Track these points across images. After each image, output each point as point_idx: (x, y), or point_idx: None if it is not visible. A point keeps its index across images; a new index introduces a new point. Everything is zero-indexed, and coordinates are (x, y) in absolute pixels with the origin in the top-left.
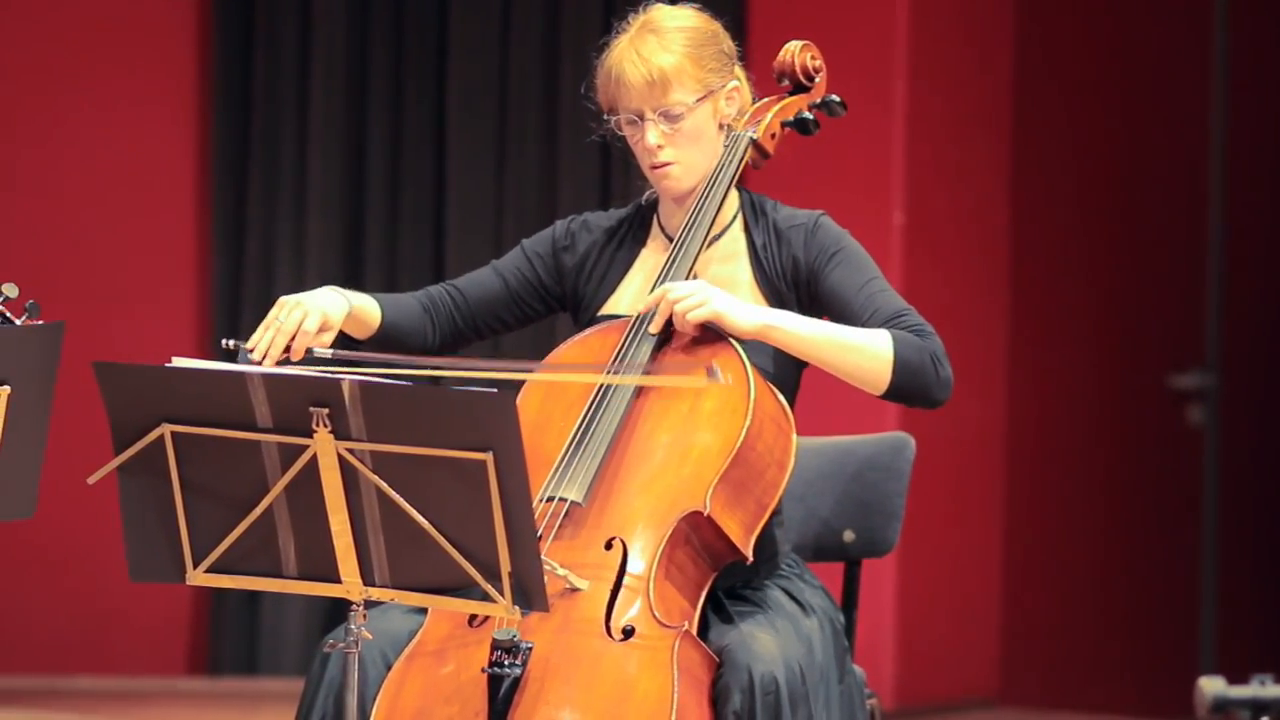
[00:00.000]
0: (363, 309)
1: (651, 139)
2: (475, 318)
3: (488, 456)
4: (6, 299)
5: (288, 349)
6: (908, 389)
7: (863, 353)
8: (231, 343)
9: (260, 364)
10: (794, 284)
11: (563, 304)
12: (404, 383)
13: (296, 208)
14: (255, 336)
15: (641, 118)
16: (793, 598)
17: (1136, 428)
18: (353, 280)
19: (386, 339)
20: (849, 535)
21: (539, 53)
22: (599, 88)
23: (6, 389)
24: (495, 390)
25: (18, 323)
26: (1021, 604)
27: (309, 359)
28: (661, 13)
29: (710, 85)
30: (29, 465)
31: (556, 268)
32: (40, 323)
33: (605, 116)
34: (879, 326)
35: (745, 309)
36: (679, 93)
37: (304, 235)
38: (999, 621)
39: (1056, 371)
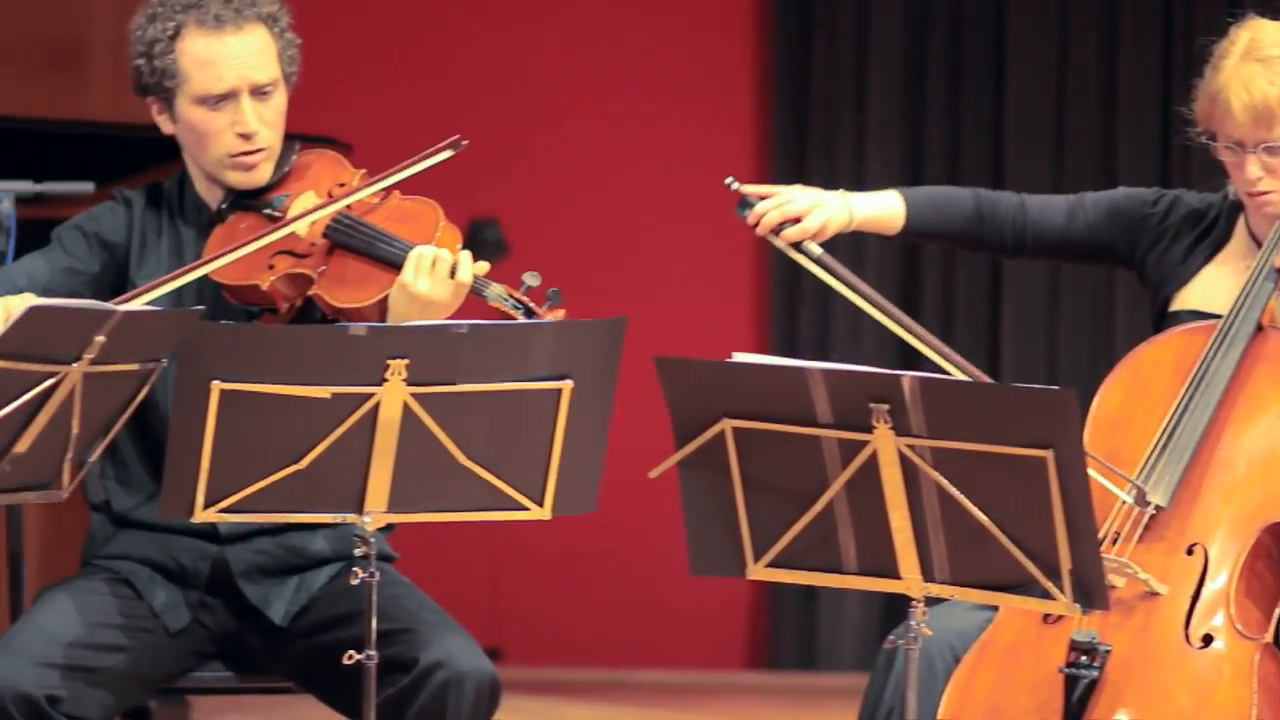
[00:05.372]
0: (880, 220)
1: (1253, 173)
2: (1028, 238)
3: (1048, 454)
4: (529, 288)
5: (778, 230)
6: None
7: None
8: (735, 185)
9: (753, 227)
10: None
11: (1129, 266)
12: (964, 379)
13: None
14: (761, 206)
15: (1242, 147)
16: None
17: None
18: (909, 270)
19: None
20: None
21: (1097, 51)
22: (1199, 104)
23: (569, 383)
24: (1057, 387)
25: (539, 311)
26: None
27: (799, 249)
28: (1266, 34)
29: None
30: (591, 460)
31: (1131, 231)
32: (601, 319)
33: (1200, 133)
34: None
35: None
36: None
37: (862, 239)
38: None
39: None
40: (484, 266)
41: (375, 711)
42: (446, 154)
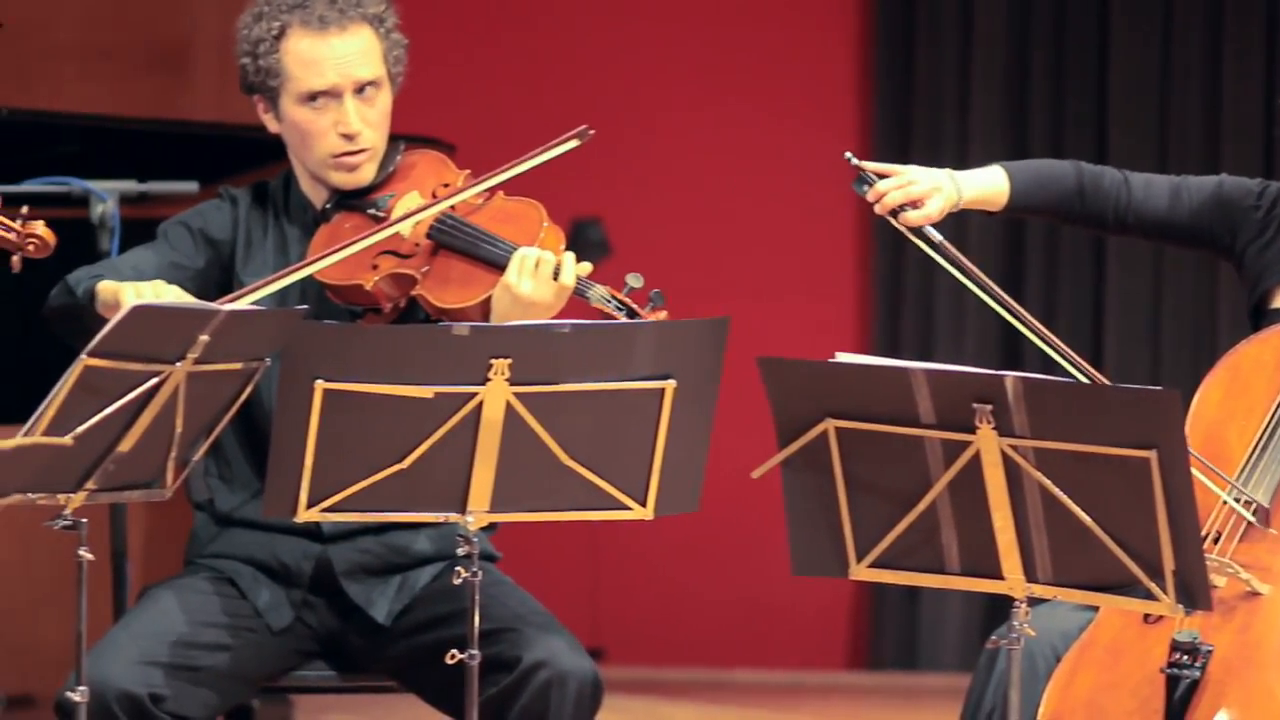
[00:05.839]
0: (986, 198)
1: None
2: (1129, 218)
3: (1151, 454)
4: (632, 289)
5: (896, 213)
6: None
7: None
8: (854, 160)
9: (873, 204)
10: None
11: (1227, 256)
12: (1067, 379)
13: None
14: (882, 185)
15: None
16: None
17: None
18: (1011, 267)
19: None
20: None
21: (1201, 52)
22: None
23: (672, 383)
24: (1161, 387)
25: (642, 312)
26: None
27: (919, 233)
28: None
29: None
30: (694, 459)
31: (1234, 221)
32: (707, 318)
33: None
34: None
35: None
36: None
37: (965, 233)
38: None
39: None
40: (586, 268)
41: (477, 710)
42: (573, 143)
